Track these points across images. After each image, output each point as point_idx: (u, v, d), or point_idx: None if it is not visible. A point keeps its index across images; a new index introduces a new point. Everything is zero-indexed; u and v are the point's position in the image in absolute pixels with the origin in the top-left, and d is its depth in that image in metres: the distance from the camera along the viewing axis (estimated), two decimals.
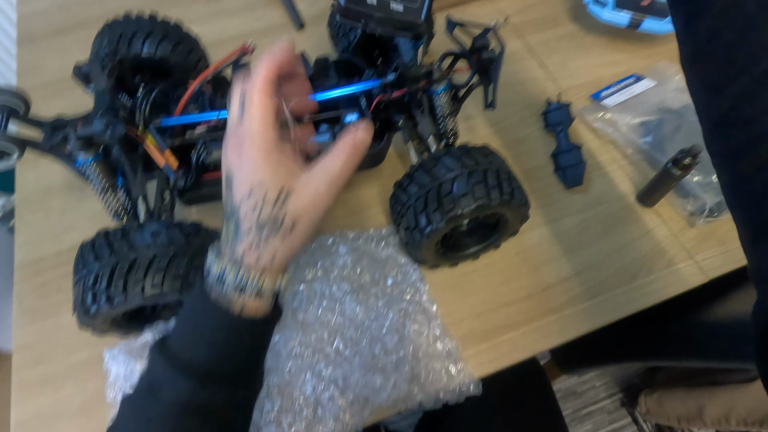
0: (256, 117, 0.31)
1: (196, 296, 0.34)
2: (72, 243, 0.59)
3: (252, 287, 0.33)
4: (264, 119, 0.32)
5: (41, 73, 0.74)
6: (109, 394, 0.46)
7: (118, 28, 0.56)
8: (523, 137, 0.68)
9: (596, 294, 0.56)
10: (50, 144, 0.46)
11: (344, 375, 0.47)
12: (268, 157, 0.32)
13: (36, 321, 0.54)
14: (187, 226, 0.46)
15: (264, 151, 0.32)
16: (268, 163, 0.31)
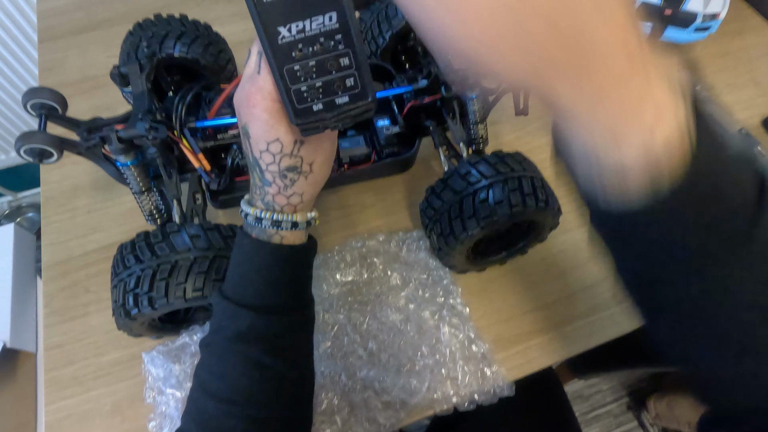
0: (270, 78, 0.31)
1: (239, 241, 0.38)
2: (99, 244, 0.59)
3: (287, 222, 0.36)
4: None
5: (62, 72, 0.74)
6: (149, 395, 0.46)
7: (149, 29, 0.56)
8: (547, 143, 0.68)
9: (622, 299, 0.57)
10: (87, 145, 0.46)
11: (379, 377, 0.47)
12: (281, 117, 0.33)
13: (65, 321, 0.54)
14: (225, 229, 0.46)
15: (276, 112, 0.33)
16: (280, 123, 0.33)
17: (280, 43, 0.28)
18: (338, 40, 0.29)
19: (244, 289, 0.36)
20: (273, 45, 0.28)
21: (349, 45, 0.29)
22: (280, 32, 0.28)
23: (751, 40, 0.80)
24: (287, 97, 0.30)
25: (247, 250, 0.37)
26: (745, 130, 0.67)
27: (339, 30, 0.29)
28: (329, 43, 0.29)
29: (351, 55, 0.30)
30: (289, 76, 0.29)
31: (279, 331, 0.36)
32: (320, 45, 0.29)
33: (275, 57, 0.29)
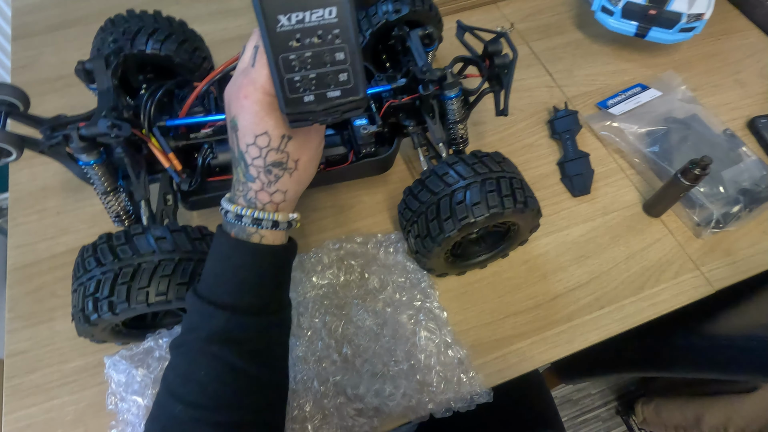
0: (264, 72, 0.32)
1: (217, 240, 0.37)
2: (68, 246, 0.58)
3: (268, 220, 0.36)
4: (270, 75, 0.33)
5: (36, 70, 0.72)
6: (110, 401, 0.44)
7: (121, 24, 0.54)
8: (530, 144, 0.68)
9: (604, 304, 0.56)
10: (49, 144, 0.45)
11: (353, 383, 0.45)
12: (271, 111, 0.33)
13: (29, 327, 0.52)
14: (192, 231, 0.44)
15: (267, 105, 0.33)
16: (270, 115, 0.33)
17: (278, 31, 0.29)
18: (336, 34, 0.30)
19: (219, 288, 0.35)
20: (271, 32, 0.29)
21: (346, 41, 0.30)
22: (279, 20, 0.28)
23: (736, 41, 0.80)
24: (279, 86, 0.30)
25: (225, 249, 0.36)
26: (730, 131, 0.67)
27: (337, 25, 0.29)
28: (327, 37, 0.29)
29: (347, 51, 0.30)
30: (284, 65, 0.30)
31: (254, 334, 0.35)
32: (318, 37, 0.29)
33: (272, 44, 0.29)
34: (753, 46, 0.79)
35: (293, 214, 0.38)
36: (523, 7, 0.83)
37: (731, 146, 0.65)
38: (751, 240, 0.61)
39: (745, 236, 0.61)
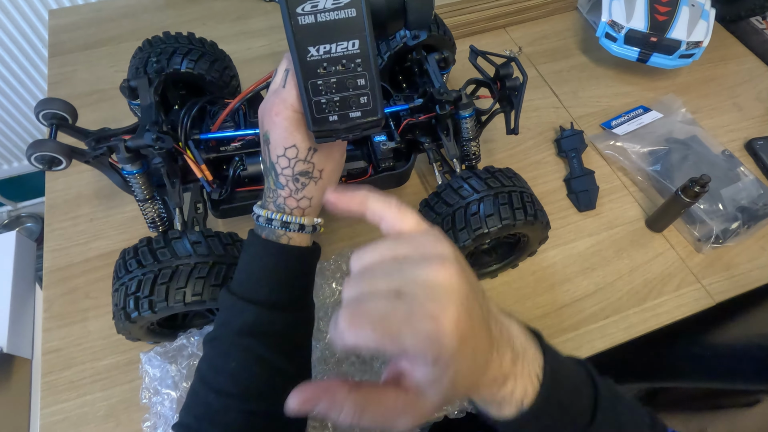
0: (294, 92, 0.37)
1: (249, 241, 0.40)
2: (100, 251, 0.61)
3: (295, 223, 0.39)
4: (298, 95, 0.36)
5: (71, 85, 0.76)
6: (144, 395, 0.47)
7: (158, 45, 0.59)
8: (538, 161, 0.71)
9: (609, 314, 0.59)
10: (95, 154, 0.48)
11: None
12: (299, 126, 0.37)
13: (64, 326, 0.55)
14: (225, 237, 0.48)
15: (296, 121, 0.37)
16: (298, 130, 0.37)
17: (308, 60, 0.33)
18: (358, 63, 0.34)
19: (251, 285, 0.38)
20: (302, 61, 0.33)
21: (367, 69, 0.34)
22: (309, 51, 0.32)
23: (733, 67, 0.84)
24: (308, 107, 0.34)
25: (257, 249, 0.39)
26: (728, 152, 0.70)
27: (359, 55, 0.34)
28: (350, 65, 0.34)
29: (367, 77, 0.34)
30: (312, 89, 0.34)
31: (282, 328, 0.38)
32: (342, 66, 0.34)
33: (303, 71, 0.33)
34: (750, 72, 0.83)
35: (318, 219, 0.41)
36: (531, 31, 0.87)
37: (729, 166, 0.68)
38: (749, 255, 0.64)
39: (744, 252, 0.64)
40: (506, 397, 0.29)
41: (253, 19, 0.87)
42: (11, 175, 1.31)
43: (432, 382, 0.26)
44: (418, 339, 0.24)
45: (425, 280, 0.26)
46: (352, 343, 0.24)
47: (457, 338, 0.24)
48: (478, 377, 0.28)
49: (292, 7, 0.31)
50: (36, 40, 0.99)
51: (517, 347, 0.30)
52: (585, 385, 0.33)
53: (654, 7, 0.74)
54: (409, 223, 0.30)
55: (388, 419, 0.26)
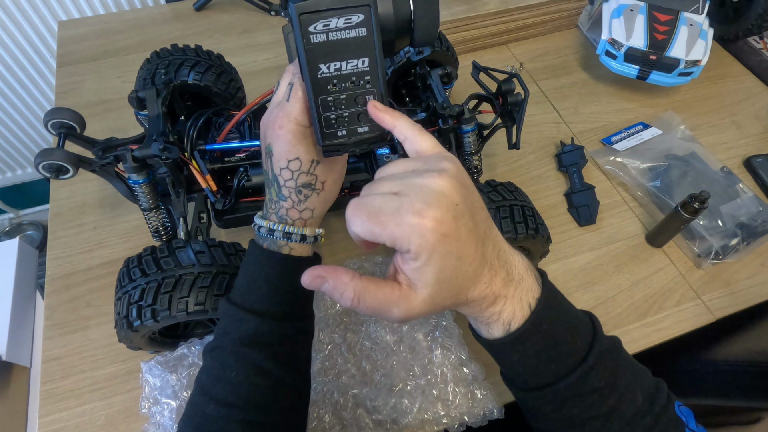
0: (297, 105, 0.37)
1: (250, 251, 0.40)
2: (103, 259, 0.61)
3: (297, 234, 0.39)
4: (304, 107, 0.37)
5: (79, 95, 0.77)
6: (144, 405, 0.47)
7: (166, 57, 0.60)
8: (538, 176, 0.72)
9: (610, 329, 0.59)
10: (101, 163, 0.49)
11: (371, 396, 0.48)
12: (302, 139, 0.38)
13: (65, 334, 0.55)
14: (228, 246, 0.48)
15: (299, 134, 0.38)
16: (301, 143, 0.38)
17: (318, 77, 0.33)
18: (367, 80, 0.34)
19: (251, 295, 0.39)
20: (313, 78, 0.33)
21: (376, 85, 0.35)
22: (320, 68, 0.33)
23: (732, 85, 0.85)
24: (318, 122, 0.35)
25: (258, 259, 0.39)
26: (727, 169, 0.71)
27: (368, 72, 0.34)
28: (359, 82, 0.34)
29: (376, 94, 0.35)
30: (322, 105, 0.34)
31: (281, 338, 0.38)
32: (351, 82, 0.34)
33: (313, 88, 0.34)
34: (748, 90, 0.84)
35: (319, 230, 0.42)
36: (532, 48, 0.89)
37: (729, 183, 0.69)
38: (749, 272, 0.64)
39: (744, 268, 0.64)
40: (494, 317, 0.32)
41: (259, 33, 0.88)
42: (14, 182, 1.32)
43: (418, 274, 0.29)
44: (403, 229, 0.28)
45: (420, 184, 0.29)
46: (354, 230, 0.29)
47: (437, 235, 0.28)
48: (465, 286, 0.30)
49: (305, 26, 0.31)
50: (44, 50, 1.01)
51: (513, 273, 0.32)
52: (584, 328, 0.34)
53: (653, 26, 0.76)
54: (427, 144, 0.33)
55: (382, 307, 0.30)
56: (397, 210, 0.28)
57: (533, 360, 0.33)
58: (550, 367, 0.33)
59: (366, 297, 0.30)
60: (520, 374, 0.34)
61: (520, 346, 0.33)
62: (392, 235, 0.28)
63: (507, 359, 0.34)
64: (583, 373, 0.32)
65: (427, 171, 0.30)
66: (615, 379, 0.33)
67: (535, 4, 0.84)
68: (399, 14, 0.35)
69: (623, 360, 0.35)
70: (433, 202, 0.28)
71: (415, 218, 0.28)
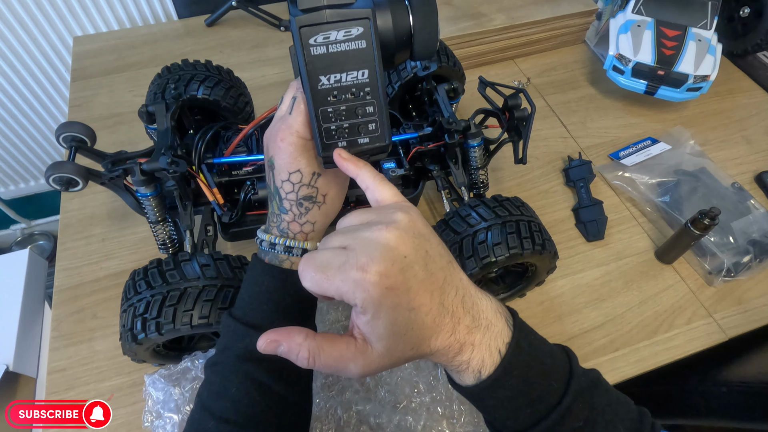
0: (299, 118, 0.37)
1: (252, 266, 0.40)
2: (110, 271, 0.62)
3: (298, 248, 0.39)
4: (306, 120, 0.38)
5: (91, 108, 0.79)
6: (146, 419, 0.46)
7: (177, 72, 0.61)
8: (546, 190, 0.72)
9: (619, 347, 0.58)
10: (110, 176, 0.49)
11: (375, 413, 0.47)
12: (303, 151, 0.38)
13: (71, 345, 0.56)
14: (233, 260, 0.48)
15: (301, 146, 0.38)
16: (302, 156, 0.38)
17: (319, 89, 0.34)
18: (367, 91, 0.35)
19: (253, 310, 0.38)
20: (313, 89, 0.34)
21: (375, 97, 0.35)
22: (321, 80, 0.33)
23: (742, 100, 0.84)
24: (318, 133, 0.35)
25: (259, 274, 0.39)
26: (738, 185, 0.70)
27: (368, 84, 0.34)
28: (359, 93, 0.35)
29: (375, 105, 0.35)
30: (323, 116, 0.35)
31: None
32: (351, 94, 0.34)
33: (314, 99, 0.34)
34: (758, 105, 0.84)
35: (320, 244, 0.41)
36: (539, 63, 0.89)
37: (740, 199, 0.68)
38: (762, 290, 0.63)
39: (757, 286, 0.63)
40: (462, 365, 0.31)
41: (268, 48, 0.89)
42: (27, 193, 1.34)
43: (370, 327, 0.29)
44: (347, 284, 0.28)
45: (366, 238, 0.29)
46: (304, 284, 0.30)
47: (381, 288, 0.28)
48: (425, 336, 0.30)
49: (305, 38, 0.32)
50: (60, 64, 1.03)
51: (480, 319, 0.32)
52: (559, 367, 0.33)
53: (661, 41, 0.76)
54: (387, 194, 0.34)
55: (338, 365, 0.30)
56: (343, 265, 0.28)
57: (508, 406, 0.32)
58: (526, 411, 0.32)
59: (321, 356, 0.29)
60: (499, 419, 0.34)
61: (492, 393, 0.32)
62: (338, 290, 0.28)
63: (482, 405, 0.34)
64: (560, 415, 0.31)
65: (377, 223, 0.30)
66: (595, 417, 0.32)
67: (542, 20, 0.84)
68: (398, 27, 0.35)
69: (603, 395, 0.34)
70: (377, 256, 0.28)
71: (359, 273, 0.28)
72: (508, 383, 0.31)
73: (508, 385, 0.31)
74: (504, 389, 0.32)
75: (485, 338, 0.31)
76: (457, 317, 0.30)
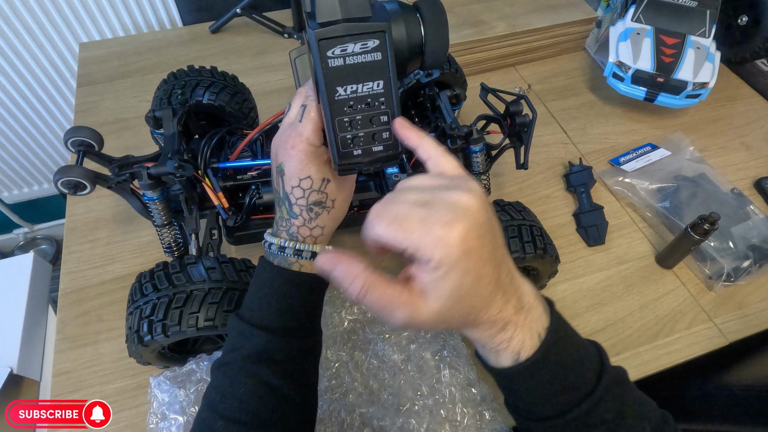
0: (309, 126, 0.38)
1: (261, 268, 0.41)
2: (115, 274, 0.62)
3: (307, 251, 0.40)
4: (316, 128, 0.38)
5: (97, 114, 0.80)
6: (151, 420, 0.47)
7: (182, 78, 0.61)
8: (547, 196, 0.72)
9: (621, 351, 0.58)
10: (117, 180, 0.50)
11: (378, 415, 0.48)
12: (314, 158, 0.39)
13: (76, 348, 0.56)
14: (238, 263, 0.49)
15: (310, 153, 0.38)
16: (312, 162, 0.39)
17: (336, 99, 0.35)
18: (381, 101, 0.35)
19: (261, 311, 0.39)
20: (331, 100, 0.34)
21: (390, 106, 0.36)
22: (338, 91, 0.34)
23: (741, 107, 0.85)
24: (334, 143, 0.36)
25: (268, 276, 0.40)
26: (738, 190, 0.70)
27: (383, 94, 0.35)
28: (374, 103, 0.35)
29: (389, 114, 0.36)
30: (339, 126, 0.35)
31: (290, 354, 0.38)
32: (367, 104, 0.35)
33: (331, 109, 0.35)
34: (757, 112, 0.84)
35: (329, 247, 0.42)
36: (540, 70, 0.90)
37: (739, 204, 0.68)
38: (762, 294, 0.63)
39: (756, 291, 0.63)
40: (503, 344, 0.32)
41: (272, 54, 0.91)
42: (30, 198, 1.35)
43: (434, 285, 0.28)
44: (428, 239, 0.27)
45: (449, 198, 0.29)
46: (377, 232, 0.29)
47: (462, 249, 0.28)
48: (477, 307, 0.30)
49: (323, 51, 0.32)
50: (65, 70, 1.04)
51: (524, 301, 0.32)
52: (591, 358, 0.34)
53: (660, 49, 0.77)
54: (451, 164, 0.34)
55: (387, 306, 0.29)
56: (425, 219, 0.28)
57: (542, 391, 0.32)
58: (559, 398, 0.32)
59: (373, 292, 0.29)
60: (528, 404, 0.34)
61: (529, 377, 0.32)
62: (416, 243, 0.28)
63: (515, 389, 0.34)
64: (592, 404, 0.32)
65: (455, 188, 0.30)
66: (623, 411, 0.33)
67: (543, 28, 0.86)
68: (411, 39, 0.36)
69: (630, 391, 0.35)
70: (461, 217, 0.28)
71: (443, 229, 0.28)
72: (545, 368, 0.32)
73: (545, 370, 0.32)
74: (541, 373, 0.32)
75: (527, 320, 0.32)
76: (507, 296, 0.31)
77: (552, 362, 0.32)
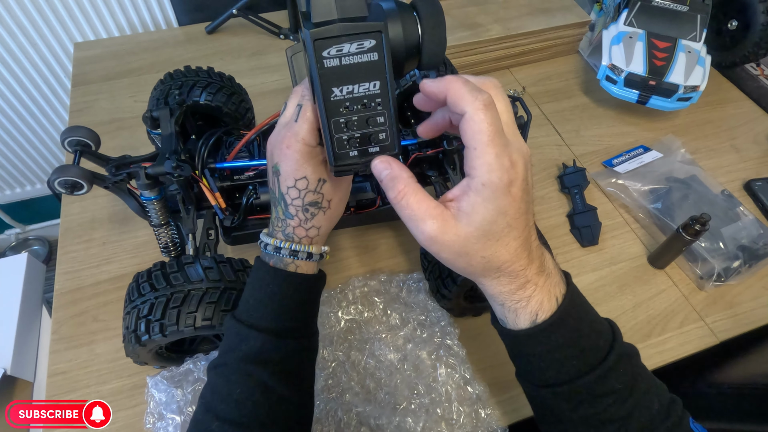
0: (305, 126, 0.38)
1: (256, 268, 0.41)
2: (111, 275, 0.62)
3: (303, 252, 0.40)
4: (312, 128, 0.38)
5: (92, 113, 0.79)
6: (148, 420, 0.47)
7: (179, 78, 0.62)
8: (541, 197, 0.73)
9: None
10: (114, 180, 0.50)
11: (375, 414, 0.48)
12: (309, 158, 0.38)
13: (71, 348, 0.56)
14: (236, 263, 0.49)
15: (306, 153, 0.38)
16: (308, 162, 0.38)
17: (331, 100, 0.34)
18: (378, 102, 0.35)
19: (257, 312, 0.39)
20: (327, 101, 0.34)
21: (386, 107, 0.36)
22: (333, 91, 0.34)
23: (731, 110, 0.87)
24: (330, 144, 0.36)
25: (264, 276, 0.40)
26: (728, 192, 0.72)
27: (379, 95, 0.35)
28: (370, 104, 0.35)
29: (386, 115, 0.36)
30: (335, 127, 0.35)
31: (286, 355, 0.38)
32: (363, 105, 0.35)
33: (327, 110, 0.34)
34: (746, 115, 0.86)
35: (325, 247, 0.42)
36: (534, 73, 0.91)
37: (729, 205, 0.70)
38: (752, 294, 0.64)
39: (747, 290, 0.64)
40: (522, 302, 0.33)
41: (268, 55, 0.91)
42: (22, 198, 1.34)
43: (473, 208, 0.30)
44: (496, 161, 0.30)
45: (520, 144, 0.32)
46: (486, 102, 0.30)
47: (509, 187, 0.30)
48: (501, 255, 0.32)
49: (319, 51, 0.32)
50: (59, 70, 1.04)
51: (546, 266, 0.34)
52: (605, 330, 0.35)
53: (652, 52, 0.78)
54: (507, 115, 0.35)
55: (419, 215, 0.31)
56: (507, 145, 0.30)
57: (556, 354, 0.33)
58: (572, 362, 0.33)
59: (411, 196, 0.32)
60: (540, 369, 0.35)
61: (545, 339, 0.33)
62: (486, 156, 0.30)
63: (529, 351, 0.35)
64: (604, 372, 0.33)
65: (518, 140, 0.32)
66: (634, 383, 0.34)
67: (537, 31, 0.86)
68: (408, 39, 0.36)
69: (641, 368, 0.36)
70: (523, 166, 0.31)
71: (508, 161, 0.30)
72: (561, 330, 0.33)
73: (561, 333, 0.33)
74: (557, 336, 0.33)
75: (547, 283, 0.33)
76: (532, 257, 0.33)
77: (568, 326, 0.33)
